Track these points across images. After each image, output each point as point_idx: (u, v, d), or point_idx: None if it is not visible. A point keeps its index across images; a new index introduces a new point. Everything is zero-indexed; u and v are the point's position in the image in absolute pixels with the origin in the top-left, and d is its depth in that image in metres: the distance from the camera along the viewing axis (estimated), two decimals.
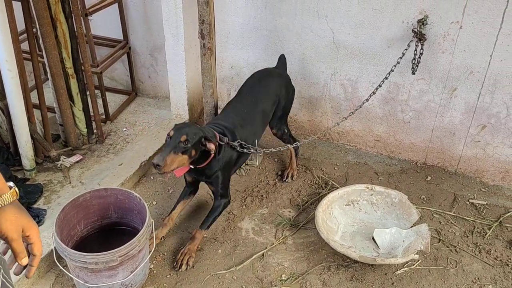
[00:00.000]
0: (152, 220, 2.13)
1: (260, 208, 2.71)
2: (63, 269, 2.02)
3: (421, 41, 2.63)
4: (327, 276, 2.29)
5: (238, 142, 2.37)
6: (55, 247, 1.99)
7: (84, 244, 2.17)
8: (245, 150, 2.41)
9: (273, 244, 2.46)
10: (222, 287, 2.21)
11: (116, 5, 3.29)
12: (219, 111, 2.92)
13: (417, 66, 2.68)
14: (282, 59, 2.89)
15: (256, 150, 2.47)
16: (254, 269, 2.32)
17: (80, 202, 2.11)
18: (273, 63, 3.17)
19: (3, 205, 1.00)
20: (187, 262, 2.28)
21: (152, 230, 2.13)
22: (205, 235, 2.43)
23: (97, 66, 3.17)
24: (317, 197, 2.80)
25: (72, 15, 2.54)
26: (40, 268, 2.16)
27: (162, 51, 3.44)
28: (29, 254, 1.07)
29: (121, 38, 3.50)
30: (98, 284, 2.02)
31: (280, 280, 2.27)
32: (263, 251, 2.41)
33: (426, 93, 2.84)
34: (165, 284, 2.21)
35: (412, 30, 2.63)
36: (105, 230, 2.25)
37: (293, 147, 2.84)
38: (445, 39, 2.63)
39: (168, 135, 2.14)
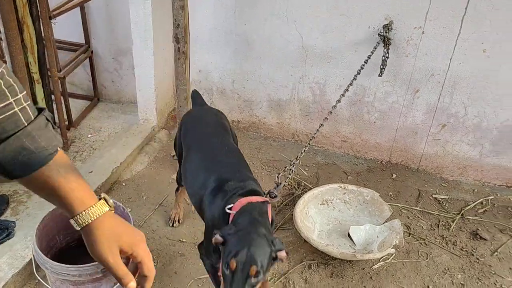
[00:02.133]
0: (140, 223, 2.09)
1: None
2: (41, 281, 1.93)
3: (387, 45, 2.76)
4: (308, 274, 2.35)
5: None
6: (33, 259, 1.91)
7: (64, 256, 2.08)
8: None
9: None
10: None
11: (77, 8, 3.19)
12: None
13: (384, 69, 2.81)
14: (196, 95, 2.42)
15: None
16: None
17: (60, 212, 2.02)
18: (242, 67, 3.21)
19: (87, 222, 0.82)
20: None
21: None
22: None
23: (60, 71, 3.06)
24: (291, 198, 2.85)
25: (40, 18, 2.44)
26: (16, 282, 2.05)
27: (127, 55, 3.38)
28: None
29: (83, 42, 3.39)
30: None
31: None
32: None
33: (390, 94, 2.97)
34: None
35: (378, 35, 2.75)
36: None
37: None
38: (408, 44, 2.77)
39: (227, 265, 1.45)
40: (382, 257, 2.44)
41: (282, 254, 1.53)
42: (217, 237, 1.53)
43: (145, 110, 3.24)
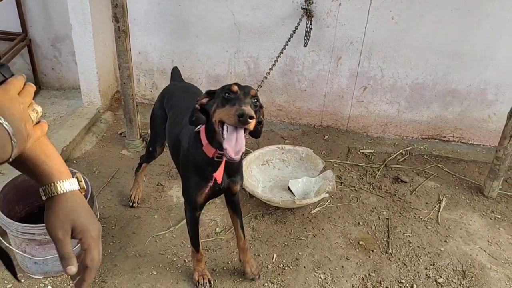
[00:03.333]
0: (94, 194, 2.25)
1: None
2: (8, 246, 2.06)
3: (310, 18, 3.08)
4: (255, 224, 2.62)
5: None
6: None
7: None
8: None
9: None
10: (164, 245, 2.42)
11: None
12: (136, 97, 3.08)
13: (308, 39, 3.13)
14: (176, 71, 2.61)
15: None
16: None
17: (19, 182, 2.15)
18: (180, 47, 3.41)
19: (55, 193, 0.84)
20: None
21: (95, 203, 2.25)
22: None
23: None
24: None
25: None
26: None
27: (66, 41, 3.47)
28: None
29: (20, 30, 3.44)
30: (46, 257, 2.10)
31: (215, 233, 2.54)
32: None
33: (317, 63, 3.30)
34: (110, 250, 2.35)
35: (301, 8, 3.06)
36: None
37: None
38: (328, 15, 3.10)
39: (227, 91, 1.58)
40: (319, 203, 2.76)
41: (262, 110, 1.75)
42: (202, 98, 1.68)
43: (88, 93, 3.36)
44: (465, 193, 2.98)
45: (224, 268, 2.33)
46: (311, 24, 3.07)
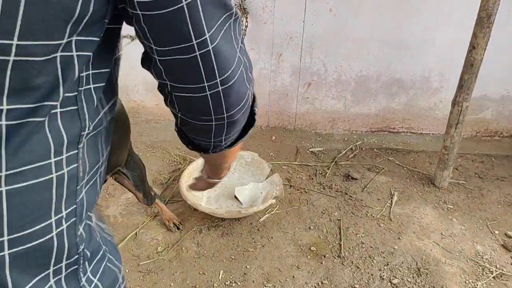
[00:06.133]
0: None
1: (124, 193, 2.73)
2: None
3: (245, 15, 2.92)
4: (200, 238, 2.45)
5: None
6: None
7: None
8: None
9: (144, 222, 2.53)
10: None
11: None
12: None
13: (244, 37, 2.97)
14: None
15: None
16: (129, 249, 2.36)
17: None
18: None
19: None
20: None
21: None
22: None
23: None
24: (179, 173, 2.92)
25: None
26: None
27: None
28: None
29: None
30: None
31: (157, 252, 2.35)
32: (135, 231, 2.46)
33: (257, 62, 3.15)
34: None
35: (235, 5, 2.90)
36: None
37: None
38: (264, 11, 2.96)
39: None
40: (267, 210, 2.62)
41: None
42: None
43: None
44: (417, 185, 2.92)
45: None
46: (247, 22, 2.92)
